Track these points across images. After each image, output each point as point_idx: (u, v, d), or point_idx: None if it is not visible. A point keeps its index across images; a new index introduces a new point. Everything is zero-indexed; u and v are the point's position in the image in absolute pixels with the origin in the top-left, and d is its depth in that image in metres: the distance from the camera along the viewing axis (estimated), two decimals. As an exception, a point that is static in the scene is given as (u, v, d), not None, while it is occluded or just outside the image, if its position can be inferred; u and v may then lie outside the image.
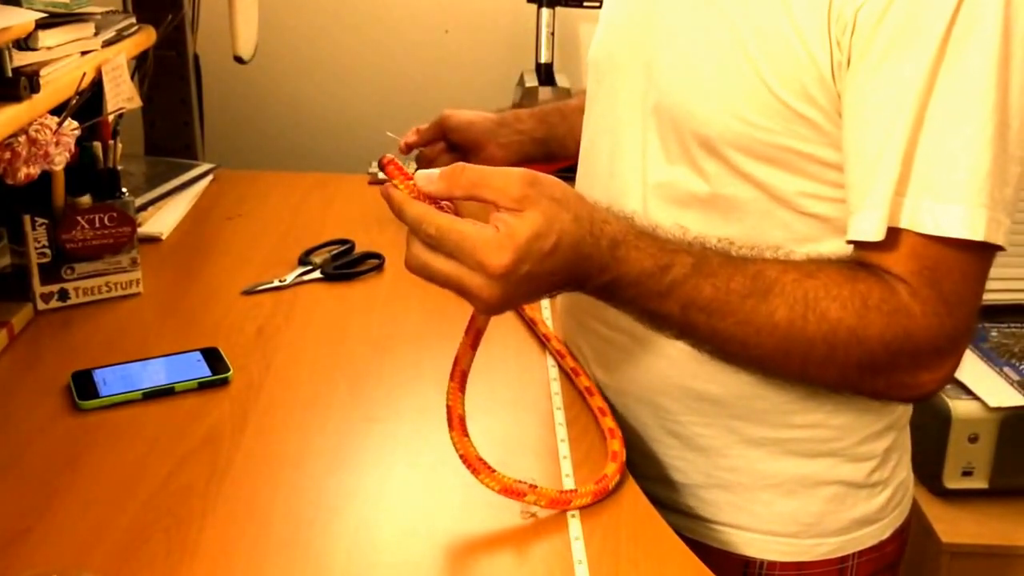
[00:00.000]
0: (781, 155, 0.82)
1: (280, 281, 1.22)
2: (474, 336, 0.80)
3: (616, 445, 0.89)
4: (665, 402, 0.95)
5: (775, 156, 0.82)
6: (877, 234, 0.76)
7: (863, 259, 0.79)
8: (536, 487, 0.81)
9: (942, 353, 0.79)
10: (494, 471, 0.81)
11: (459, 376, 0.81)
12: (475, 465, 0.81)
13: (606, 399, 0.97)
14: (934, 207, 0.74)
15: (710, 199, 0.87)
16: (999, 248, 0.77)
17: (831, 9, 0.76)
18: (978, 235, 0.74)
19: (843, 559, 0.95)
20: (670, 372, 0.93)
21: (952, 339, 0.78)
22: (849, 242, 0.80)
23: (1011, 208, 0.76)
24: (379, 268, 1.27)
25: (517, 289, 0.73)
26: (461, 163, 0.74)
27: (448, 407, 0.80)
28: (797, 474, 0.93)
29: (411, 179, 0.75)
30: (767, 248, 0.84)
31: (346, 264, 1.27)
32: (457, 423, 0.81)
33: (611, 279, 0.77)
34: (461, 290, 0.73)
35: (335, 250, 1.31)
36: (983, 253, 0.77)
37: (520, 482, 0.81)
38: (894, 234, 0.76)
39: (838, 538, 0.95)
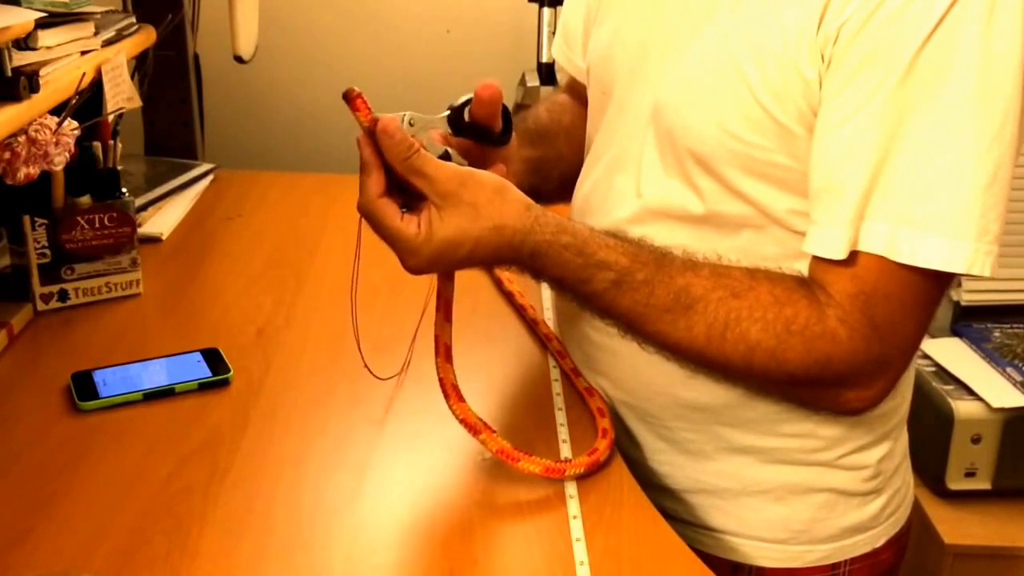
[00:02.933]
0: (774, 172, 0.82)
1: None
2: (444, 309, 0.86)
3: (602, 444, 0.90)
4: (653, 408, 0.94)
5: (768, 173, 0.83)
6: (839, 252, 0.77)
7: (811, 270, 0.81)
8: (494, 432, 0.85)
9: (869, 375, 0.80)
10: (463, 401, 0.86)
11: (444, 351, 0.86)
12: (449, 391, 0.86)
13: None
14: (912, 236, 0.75)
15: (704, 216, 0.87)
16: (954, 275, 0.77)
17: (820, 26, 0.77)
18: (958, 267, 0.75)
19: (835, 566, 0.95)
20: (659, 379, 0.92)
21: (880, 363, 0.80)
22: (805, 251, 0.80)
23: (1000, 237, 0.76)
24: None
25: (437, 271, 0.83)
26: (415, 145, 0.78)
27: (440, 379, 0.86)
28: (786, 481, 0.92)
29: (370, 116, 0.79)
30: (757, 259, 0.85)
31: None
32: (447, 381, 0.86)
33: (536, 277, 0.84)
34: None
35: None
36: (931, 281, 0.77)
37: (480, 420, 0.85)
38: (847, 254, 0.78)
39: (829, 545, 0.94)
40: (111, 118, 1.21)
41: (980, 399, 1.60)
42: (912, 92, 0.74)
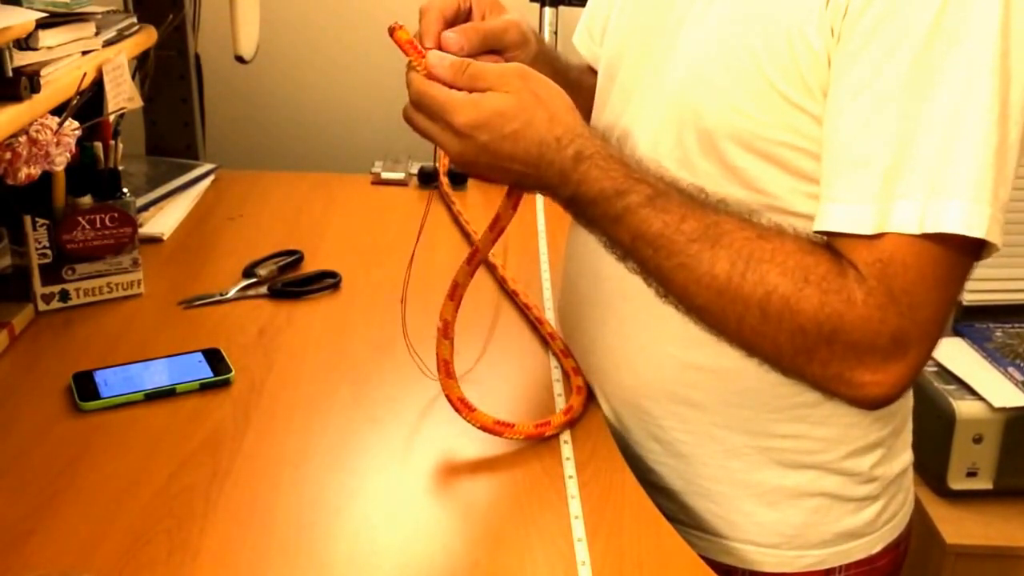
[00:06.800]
0: (776, 150, 0.81)
1: (222, 295, 1.20)
2: (473, 258, 0.89)
3: (576, 401, 0.96)
4: (649, 406, 0.94)
5: (770, 152, 0.82)
6: (868, 227, 0.74)
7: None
8: (452, 382, 0.90)
9: (885, 354, 0.75)
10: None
11: (444, 329, 0.90)
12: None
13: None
14: (938, 205, 0.72)
15: None
16: (975, 255, 0.75)
17: None
18: (978, 231, 0.72)
19: (829, 572, 0.94)
20: (655, 376, 0.92)
21: (897, 340, 0.74)
22: (818, 231, 0.78)
23: (1006, 207, 0.74)
24: (335, 287, 1.23)
25: (477, 156, 0.81)
26: (468, 60, 0.82)
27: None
28: (779, 485, 0.92)
29: (422, 56, 0.83)
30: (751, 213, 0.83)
31: (298, 281, 1.23)
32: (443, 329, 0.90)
33: (572, 193, 0.81)
34: (435, 141, 0.83)
35: (282, 262, 1.26)
36: (950, 254, 0.74)
37: (450, 368, 0.91)
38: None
39: (822, 550, 0.93)
40: (112, 118, 1.21)
41: (982, 399, 1.60)
42: (934, 58, 0.72)
